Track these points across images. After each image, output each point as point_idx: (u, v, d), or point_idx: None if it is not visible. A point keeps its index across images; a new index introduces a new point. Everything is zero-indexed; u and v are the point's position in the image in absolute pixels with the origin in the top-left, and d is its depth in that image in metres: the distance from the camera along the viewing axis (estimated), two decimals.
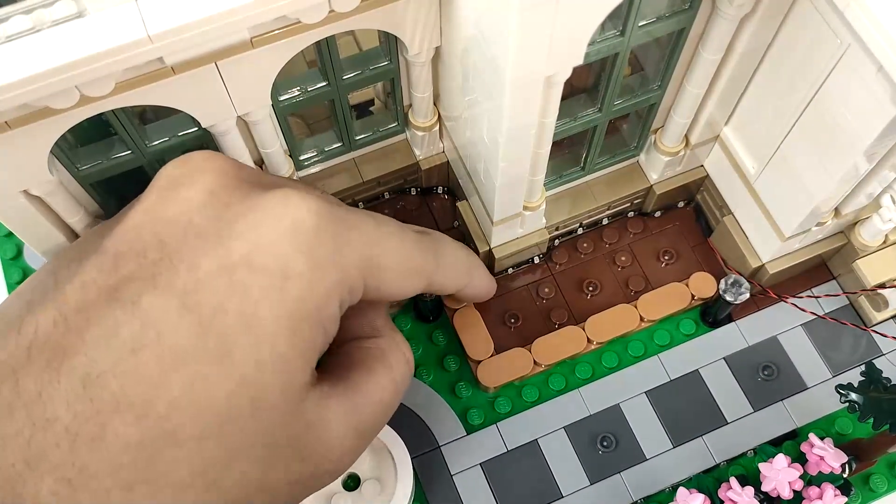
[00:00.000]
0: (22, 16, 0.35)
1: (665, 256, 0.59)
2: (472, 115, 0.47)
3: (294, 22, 0.41)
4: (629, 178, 0.58)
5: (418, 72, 0.49)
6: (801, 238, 0.53)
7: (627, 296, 0.58)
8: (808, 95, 0.44)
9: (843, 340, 0.57)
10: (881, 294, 0.55)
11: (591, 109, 0.50)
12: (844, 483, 0.51)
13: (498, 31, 0.36)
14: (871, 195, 0.49)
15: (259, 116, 0.46)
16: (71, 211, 0.47)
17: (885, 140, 0.41)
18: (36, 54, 0.34)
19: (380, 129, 0.56)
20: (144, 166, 0.48)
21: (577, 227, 0.60)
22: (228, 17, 0.36)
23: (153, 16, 0.35)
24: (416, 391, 0.55)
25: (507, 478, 0.53)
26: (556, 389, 0.55)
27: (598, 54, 0.43)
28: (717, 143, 0.55)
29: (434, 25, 0.45)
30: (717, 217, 0.59)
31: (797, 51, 0.43)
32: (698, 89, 0.49)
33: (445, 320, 0.57)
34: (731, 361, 0.57)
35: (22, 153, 0.41)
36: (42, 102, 0.37)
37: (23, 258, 0.60)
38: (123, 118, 0.44)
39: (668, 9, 0.43)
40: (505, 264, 0.58)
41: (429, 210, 0.61)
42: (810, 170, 0.47)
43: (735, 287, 0.53)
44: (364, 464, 0.51)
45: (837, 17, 0.38)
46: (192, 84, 0.41)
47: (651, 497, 0.53)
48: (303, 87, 0.48)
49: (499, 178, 0.46)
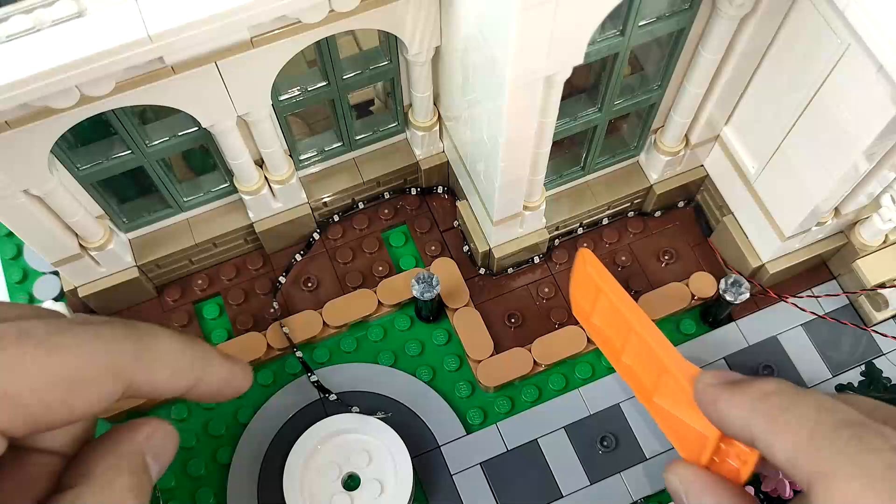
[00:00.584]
0: (22, 16, 0.35)
1: (665, 256, 0.59)
2: (472, 115, 0.47)
3: (294, 22, 0.41)
4: (629, 178, 0.58)
5: (418, 72, 0.49)
6: (801, 238, 0.53)
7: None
8: (808, 95, 0.44)
9: (843, 340, 0.57)
10: (881, 294, 0.55)
11: (591, 109, 0.50)
12: None
13: (498, 31, 0.36)
14: (871, 195, 0.49)
15: (259, 116, 0.46)
16: (71, 211, 0.47)
17: (884, 140, 0.41)
18: (36, 54, 0.34)
19: (380, 128, 0.56)
20: (144, 166, 0.48)
21: (577, 227, 0.60)
22: (228, 17, 0.36)
23: (153, 15, 0.35)
24: (416, 391, 0.55)
25: (507, 478, 0.53)
26: (556, 389, 0.55)
27: (598, 54, 0.43)
28: (717, 142, 0.55)
29: (434, 25, 0.45)
30: (717, 217, 0.59)
31: (797, 51, 0.43)
32: (698, 89, 0.49)
33: (445, 320, 0.57)
34: (732, 361, 0.56)
35: (22, 153, 0.41)
36: (42, 102, 0.37)
37: (23, 258, 0.60)
38: (123, 118, 0.44)
39: (668, 9, 0.43)
40: (505, 264, 0.58)
41: (429, 210, 0.61)
42: (810, 169, 0.47)
43: (735, 287, 0.53)
44: (364, 464, 0.51)
45: (837, 17, 0.38)
46: (192, 84, 0.41)
47: (651, 497, 0.53)
48: (303, 87, 0.49)
49: (499, 178, 0.46)
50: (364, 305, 0.56)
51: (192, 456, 0.54)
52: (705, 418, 0.40)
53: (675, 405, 0.43)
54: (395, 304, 0.57)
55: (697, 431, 0.40)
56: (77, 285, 0.54)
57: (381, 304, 0.56)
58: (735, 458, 0.38)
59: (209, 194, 0.54)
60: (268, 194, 0.54)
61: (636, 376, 0.46)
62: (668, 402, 0.43)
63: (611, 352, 0.48)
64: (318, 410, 0.55)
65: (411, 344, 0.57)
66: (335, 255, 0.59)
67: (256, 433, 0.54)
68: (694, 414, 0.40)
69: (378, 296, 0.56)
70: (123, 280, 0.54)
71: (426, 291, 0.52)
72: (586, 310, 0.50)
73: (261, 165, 0.52)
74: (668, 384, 0.43)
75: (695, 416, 0.40)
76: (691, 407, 0.41)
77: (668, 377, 0.43)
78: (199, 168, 0.55)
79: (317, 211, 0.58)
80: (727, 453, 0.39)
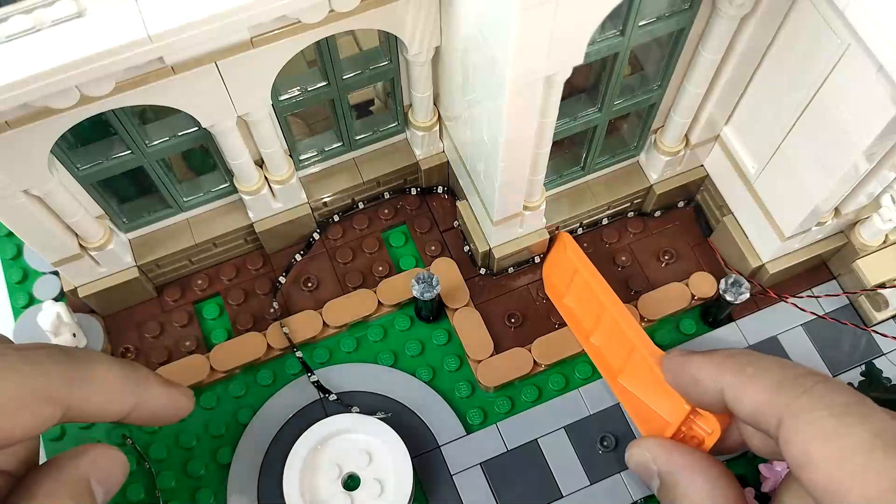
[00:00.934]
0: (22, 16, 0.35)
1: (665, 256, 0.59)
2: (472, 115, 0.47)
3: (294, 22, 0.41)
4: (629, 178, 0.58)
5: (418, 72, 0.49)
6: (801, 238, 0.53)
7: (627, 296, 0.58)
8: (808, 95, 0.44)
9: (843, 340, 0.57)
10: (881, 294, 0.55)
11: (591, 109, 0.50)
12: None
13: (498, 31, 0.36)
14: (871, 195, 0.49)
15: (259, 116, 0.46)
16: (71, 211, 0.47)
17: (884, 140, 0.41)
18: (36, 54, 0.34)
19: (380, 128, 0.56)
20: (144, 166, 0.48)
21: (577, 227, 0.60)
22: (228, 17, 0.36)
23: (153, 16, 0.35)
24: (416, 391, 0.55)
25: (507, 478, 0.53)
26: (556, 389, 0.55)
27: (598, 54, 0.43)
28: (717, 142, 0.55)
29: (434, 25, 0.45)
30: (717, 217, 0.59)
31: (797, 51, 0.43)
32: (698, 89, 0.49)
33: (445, 320, 0.57)
34: None
35: (22, 153, 0.41)
36: (42, 102, 0.37)
37: (23, 258, 0.60)
38: (123, 118, 0.44)
39: (668, 9, 0.43)
40: (505, 264, 0.58)
41: (429, 210, 0.61)
42: (810, 169, 0.47)
43: (735, 287, 0.53)
44: (364, 464, 0.51)
45: (837, 17, 0.38)
46: (192, 84, 0.41)
47: (651, 497, 0.53)
48: (303, 87, 0.49)
49: (499, 178, 0.46)
50: (364, 305, 0.56)
51: (192, 456, 0.54)
52: (670, 399, 0.41)
53: (641, 385, 0.44)
54: (395, 304, 0.57)
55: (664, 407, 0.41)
56: (77, 285, 0.54)
57: (381, 304, 0.56)
58: (699, 432, 0.39)
59: (209, 194, 0.54)
60: (268, 194, 0.54)
61: (604, 357, 0.47)
62: (633, 381, 0.44)
63: (580, 332, 0.49)
64: (318, 410, 0.55)
65: (411, 344, 0.57)
66: (335, 255, 0.59)
67: (256, 433, 0.54)
68: (659, 392, 0.42)
69: (378, 296, 0.56)
70: (123, 280, 0.54)
71: (426, 291, 0.52)
72: (560, 290, 0.51)
73: (261, 165, 0.52)
74: (636, 364, 0.45)
75: (661, 395, 0.42)
76: (657, 385, 0.42)
77: (636, 357, 0.44)
78: (199, 168, 0.55)
79: (317, 211, 0.58)
80: (690, 429, 0.40)
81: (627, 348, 0.46)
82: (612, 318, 0.48)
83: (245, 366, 0.56)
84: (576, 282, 0.51)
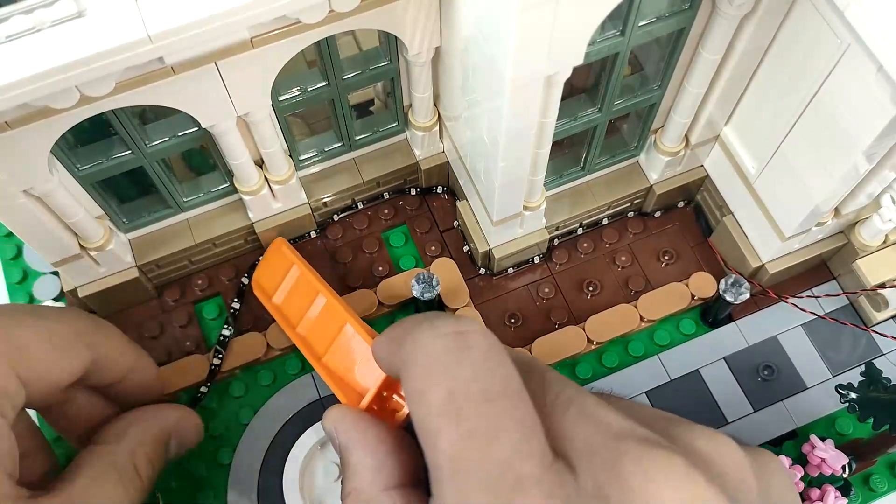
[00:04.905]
0: (22, 16, 0.34)
1: (665, 256, 0.59)
2: (472, 115, 0.47)
3: (294, 22, 0.41)
4: (629, 178, 0.58)
5: (418, 72, 0.49)
6: (801, 238, 0.53)
7: (627, 296, 0.58)
8: (808, 95, 0.44)
9: (843, 340, 0.57)
10: (881, 294, 0.55)
11: (591, 109, 0.50)
12: (844, 483, 0.51)
13: (498, 31, 0.36)
14: (871, 195, 0.49)
15: (259, 116, 0.47)
16: (71, 211, 0.47)
17: (884, 140, 0.41)
18: (36, 54, 0.34)
19: (380, 129, 0.56)
20: (144, 166, 0.48)
21: (577, 227, 0.60)
22: (228, 17, 0.36)
23: (153, 16, 0.35)
24: None
25: None
26: None
27: (598, 54, 0.43)
28: (717, 143, 0.55)
29: (434, 25, 0.45)
30: (717, 217, 0.59)
31: (797, 51, 0.43)
32: (698, 89, 0.49)
33: None
34: (731, 361, 0.56)
35: (22, 153, 0.41)
36: (42, 102, 0.37)
37: (23, 258, 0.60)
38: (123, 118, 0.44)
39: (668, 9, 0.43)
40: (505, 264, 0.58)
41: (429, 210, 0.61)
42: (810, 170, 0.47)
43: (735, 287, 0.52)
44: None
45: (837, 17, 0.38)
46: (192, 84, 0.41)
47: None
48: (303, 87, 0.49)
49: (499, 178, 0.46)
50: (364, 305, 0.56)
51: (193, 456, 0.54)
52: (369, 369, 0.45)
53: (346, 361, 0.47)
54: (395, 304, 0.57)
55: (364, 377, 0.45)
56: (77, 285, 0.54)
57: (381, 304, 0.56)
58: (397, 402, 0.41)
59: (209, 194, 0.54)
60: (268, 194, 0.54)
61: (308, 343, 0.51)
62: (336, 361, 0.48)
63: (287, 325, 0.52)
64: (318, 410, 0.55)
65: None
66: (335, 255, 0.59)
67: (256, 433, 0.54)
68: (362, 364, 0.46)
69: (378, 296, 0.56)
70: (123, 280, 0.54)
71: (426, 291, 0.52)
72: (269, 291, 0.54)
73: (261, 165, 0.52)
74: (341, 345, 0.48)
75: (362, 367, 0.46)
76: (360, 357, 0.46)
77: (343, 338, 0.48)
78: (199, 168, 0.55)
79: (317, 211, 0.58)
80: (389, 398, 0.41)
81: (339, 325, 0.48)
82: (326, 300, 0.51)
83: (245, 366, 0.56)
84: (289, 276, 0.54)
